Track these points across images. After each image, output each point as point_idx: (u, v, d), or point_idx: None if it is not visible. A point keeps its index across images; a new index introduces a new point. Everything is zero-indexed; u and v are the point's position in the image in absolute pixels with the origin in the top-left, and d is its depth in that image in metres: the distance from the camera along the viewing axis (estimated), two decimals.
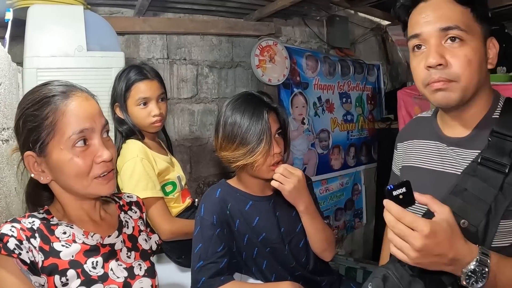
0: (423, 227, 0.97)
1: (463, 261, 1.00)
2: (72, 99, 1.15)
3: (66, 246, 1.14)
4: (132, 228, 1.37)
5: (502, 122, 1.18)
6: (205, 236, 1.60)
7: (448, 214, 1.02)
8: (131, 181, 1.92)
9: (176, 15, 3.41)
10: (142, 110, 2.04)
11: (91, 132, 1.16)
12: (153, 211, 1.94)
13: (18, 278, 1.04)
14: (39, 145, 1.12)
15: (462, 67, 1.13)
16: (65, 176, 1.14)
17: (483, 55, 1.17)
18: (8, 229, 1.06)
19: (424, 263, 1.01)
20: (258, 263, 1.67)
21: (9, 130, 1.76)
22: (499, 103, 1.24)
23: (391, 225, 1.01)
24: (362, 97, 4.70)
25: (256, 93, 1.69)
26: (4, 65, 1.77)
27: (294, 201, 1.59)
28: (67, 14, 2.25)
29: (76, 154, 1.13)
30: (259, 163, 1.58)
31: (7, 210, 1.58)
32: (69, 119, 1.12)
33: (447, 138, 1.30)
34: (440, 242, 0.98)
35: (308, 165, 4.09)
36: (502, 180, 1.11)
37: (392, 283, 1.19)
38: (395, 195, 1.02)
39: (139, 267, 1.29)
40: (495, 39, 1.21)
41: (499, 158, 1.12)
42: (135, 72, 2.04)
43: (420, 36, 1.20)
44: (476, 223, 1.10)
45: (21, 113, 1.15)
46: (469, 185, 1.15)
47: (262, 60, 3.70)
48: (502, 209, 1.10)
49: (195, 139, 3.50)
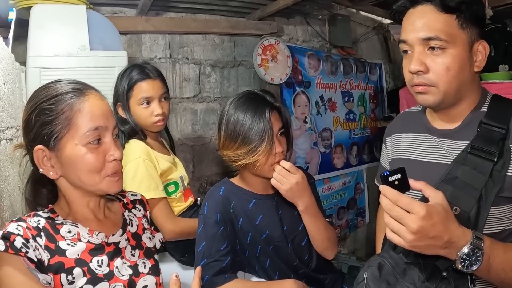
0: (419, 209, 1.00)
1: (458, 243, 1.03)
2: (88, 97, 1.18)
3: (71, 245, 1.15)
4: (136, 226, 1.38)
5: (490, 114, 1.25)
6: (209, 234, 1.60)
7: (442, 198, 1.05)
8: (134, 182, 1.92)
9: (178, 14, 3.42)
10: (144, 109, 2.04)
11: (105, 130, 1.19)
12: (157, 212, 1.94)
13: (26, 276, 1.04)
14: (53, 139, 1.14)
15: (440, 74, 1.20)
16: (77, 171, 1.16)
17: (466, 60, 1.21)
18: (14, 227, 1.07)
19: (420, 246, 1.03)
20: (261, 261, 1.67)
21: (13, 129, 1.77)
22: (486, 99, 1.31)
23: (388, 208, 1.04)
24: (364, 96, 4.70)
25: (259, 92, 1.69)
26: (7, 65, 1.78)
27: (293, 200, 1.60)
28: (70, 14, 2.25)
29: (90, 150, 1.15)
30: (261, 162, 1.58)
31: (11, 209, 1.59)
32: (85, 116, 1.15)
33: (437, 130, 1.35)
34: (436, 224, 1.01)
35: (310, 164, 4.09)
36: (492, 167, 1.16)
37: (387, 271, 1.23)
38: (391, 180, 1.06)
39: (143, 265, 1.29)
40: (485, 42, 1.24)
41: (487, 147, 1.19)
42: (138, 72, 2.04)
43: (407, 42, 1.26)
44: (468, 209, 1.15)
45: (34, 107, 1.16)
46: (460, 173, 1.20)
47: (264, 59, 3.70)
48: (492, 195, 1.15)
49: (197, 138, 3.50)
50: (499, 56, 3.19)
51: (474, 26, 1.21)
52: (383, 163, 1.61)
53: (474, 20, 1.21)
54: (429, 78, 1.22)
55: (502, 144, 1.18)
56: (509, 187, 1.16)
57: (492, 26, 3.27)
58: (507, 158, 1.17)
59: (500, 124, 1.21)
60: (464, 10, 1.19)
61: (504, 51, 3.23)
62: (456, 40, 1.19)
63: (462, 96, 1.26)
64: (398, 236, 1.03)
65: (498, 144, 1.18)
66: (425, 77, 1.22)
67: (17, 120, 1.87)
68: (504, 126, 1.20)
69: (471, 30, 1.20)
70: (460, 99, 1.27)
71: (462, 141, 1.26)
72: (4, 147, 1.59)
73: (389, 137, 1.57)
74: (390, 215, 1.04)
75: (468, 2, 1.20)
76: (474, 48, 1.23)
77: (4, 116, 1.63)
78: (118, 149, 1.21)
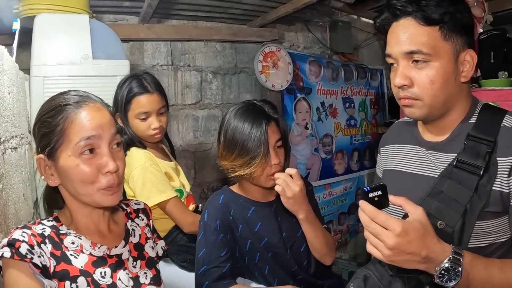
0: (395, 226, 1.01)
1: (436, 259, 1.04)
2: (83, 108, 1.18)
3: (74, 256, 1.17)
4: (139, 236, 1.39)
5: (477, 126, 1.23)
6: (209, 241, 1.63)
7: (421, 214, 1.06)
8: (145, 188, 1.96)
9: (180, 22, 3.46)
10: (142, 123, 2.06)
11: (98, 140, 1.17)
12: (173, 209, 2.00)
13: (32, 281, 1.06)
14: (49, 149, 1.16)
15: (424, 87, 1.19)
16: (71, 182, 1.17)
17: (451, 72, 1.19)
18: (19, 234, 1.10)
19: (398, 260, 1.05)
20: (261, 267, 1.69)
21: (17, 137, 1.80)
22: (476, 109, 1.28)
23: (366, 224, 1.06)
24: (365, 102, 4.73)
25: (258, 103, 1.71)
26: (12, 75, 1.81)
27: (293, 208, 1.61)
28: (73, 23, 2.29)
29: (82, 161, 1.15)
30: (257, 173, 1.60)
31: (16, 216, 1.61)
32: (77, 127, 1.16)
33: (426, 143, 1.34)
34: (412, 241, 1.02)
35: (311, 170, 4.11)
36: (477, 182, 1.15)
37: (373, 283, 1.23)
38: (371, 197, 1.07)
39: (144, 275, 1.31)
40: (473, 51, 1.21)
41: (473, 161, 1.17)
42: (136, 85, 2.05)
43: (391, 56, 1.25)
44: (452, 224, 1.14)
45: (37, 119, 1.21)
46: (445, 188, 1.19)
47: (266, 66, 3.73)
48: (477, 210, 1.14)
49: (199, 144, 3.53)
50: (499, 62, 3.15)
51: (459, 35, 1.19)
52: (378, 172, 1.61)
53: (459, 29, 1.18)
54: (414, 92, 1.21)
55: (489, 158, 1.16)
56: (494, 202, 1.15)
57: (492, 33, 3.24)
58: (493, 172, 1.15)
59: (488, 136, 1.19)
60: (447, 20, 1.16)
61: (503, 58, 3.20)
62: (440, 52, 1.18)
63: (449, 108, 1.25)
64: (377, 250, 1.06)
65: (485, 158, 1.16)
66: (410, 91, 1.21)
67: (21, 129, 1.90)
68: (492, 138, 1.18)
69: (455, 40, 1.18)
70: (448, 110, 1.25)
71: (450, 154, 1.24)
72: (9, 156, 1.62)
73: (383, 147, 1.57)
74: (368, 231, 1.06)
75: (451, 12, 1.17)
76: (461, 58, 1.20)
77: (9, 125, 1.66)
78: (116, 160, 1.19)
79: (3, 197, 1.47)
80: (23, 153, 1.89)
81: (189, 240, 2.05)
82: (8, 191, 1.54)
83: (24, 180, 1.84)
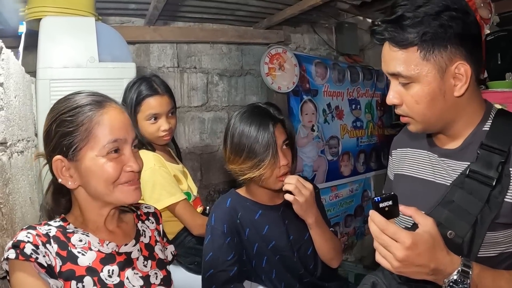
0: (405, 239, 1.00)
1: (444, 271, 1.03)
2: (107, 109, 1.19)
3: (82, 253, 1.17)
4: (149, 237, 1.39)
5: (491, 135, 1.20)
6: (216, 245, 1.62)
7: (431, 226, 1.04)
8: (155, 190, 1.97)
9: (186, 24, 3.46)
10: (152, 125, 2.07)
11: (124, 143, 1.20)
12: (183, 211, 2.01)
13: (38, 281, 1.07)
14: (72, 150, 1.16)
15: (411, 107, 1.19)
16: (95, 181, 1.17)
17: (437, 91, 1.15)
18: (24, 235, 1.10)
19: (407, 272, 1.04)
20: (268, 270, 1.68)
21: (24, 141, 1.80)
22: (490, 115, 1.24)
23: (375, 235, 1.05)
24: (371, 104, 4.71)
25: (263, 105, 1.71)
26: (18, 78, 1.81)
27: (303, 213, 1.59)
28: (79, 26, 2.30)
29: (109, 160, 1.17)
30: (266, 175, 1.60)
31: (23, 220, 1.61)
32: (104, 128, 1.16)
33: (438, 149, 1.32)
34: (421, 253, 1.01)
35: (317, 172, 4.10)
36: (489, 193, 1.13)
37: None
38: (381, 207, 1.06)
39: (155, 275, 1.31)
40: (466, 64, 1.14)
41: (486, 171, 1.14)
42: (146, 87, 2.06)
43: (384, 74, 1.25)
44: (462, 234, 1.13)
45: (55, 118, 1.18)
46: (456, 197, 1.17)
47: (272, 68, 3.72)
48: (488, 221, 1.13)
49: (205, 146, 3.53)
50: (506, 64, 3.11)
51: (444, 50, 1.12)
52: (390, 175, 1.60)
53: (445, 43, 1.12)
54: (404, 110, 1.21)
55: (502, 169, 1.13)
56: (505, 213, 1.13)
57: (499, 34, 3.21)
58: (506, 184, 1.13)
59: (501, 146, 1.15)
60: (427, 39, 1.11)
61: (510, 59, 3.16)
62: (420, 73, 1.13)
63: (451, 120, 1.22)
64: (386, 261, 1.05)
65: (497, 168, 1.13)
66: (401, 109, 1.22)
67: (27, 132, 1.90)
68: (505, 148, 1.15)
69: (439, 56, 1.12)
70: (451, 122, 1.22)
71: (462, 162, 1.22)
72: (16, 160, 1.61)
73: (395, 150, 1.55)
74: (377, 242, 1.06)
75: (434, 27, 1.11)
76: (450, 72, 1.13)
77: (15, 129, 1.65)
78: (137, 161, 1.22)
79: (10, 202, 1.47)
80: (29, 156, 1.88)
81: (197, 243, 2.05)
82: (15, 195, 1.54)
83: (30, 183, 1.84)
